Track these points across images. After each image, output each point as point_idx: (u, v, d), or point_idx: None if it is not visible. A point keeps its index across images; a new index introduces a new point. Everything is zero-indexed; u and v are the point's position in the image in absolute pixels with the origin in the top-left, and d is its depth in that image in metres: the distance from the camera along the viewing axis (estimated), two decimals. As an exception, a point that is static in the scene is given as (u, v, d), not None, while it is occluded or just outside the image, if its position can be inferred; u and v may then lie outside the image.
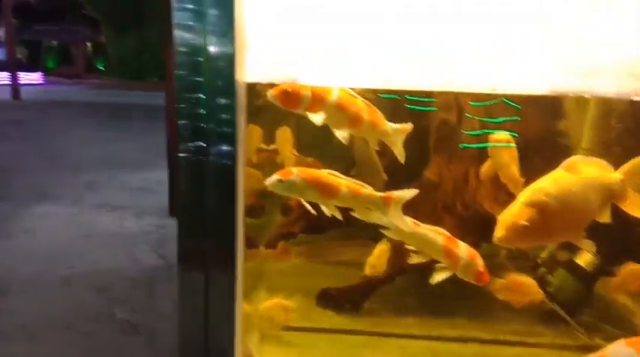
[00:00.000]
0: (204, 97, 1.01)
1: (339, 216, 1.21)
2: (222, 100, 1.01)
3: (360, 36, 1.10)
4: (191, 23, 0.96)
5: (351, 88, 1.18)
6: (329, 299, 1.93)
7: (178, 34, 0.97)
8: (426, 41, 1.08)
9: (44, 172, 5.38)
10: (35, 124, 9.08)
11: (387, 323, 1.87)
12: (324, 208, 1.21)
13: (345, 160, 1.85)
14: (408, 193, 1.21)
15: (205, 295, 1.11)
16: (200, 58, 0.98)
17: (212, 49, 0.98)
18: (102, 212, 4.05)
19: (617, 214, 1.18)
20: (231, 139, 1.02)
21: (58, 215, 3.96)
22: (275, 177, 1.17)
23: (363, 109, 1.20)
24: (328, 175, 1.21)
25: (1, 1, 13.40)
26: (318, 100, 1.14)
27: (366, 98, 1.22)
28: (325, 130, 1.21)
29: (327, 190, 1.19)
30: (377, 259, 1.75)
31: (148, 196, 4.48)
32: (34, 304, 2.56)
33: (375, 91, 1.34)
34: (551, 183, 1.12)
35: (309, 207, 1.28)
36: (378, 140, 1.26)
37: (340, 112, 1.17)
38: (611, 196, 1.17)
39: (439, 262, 1.26)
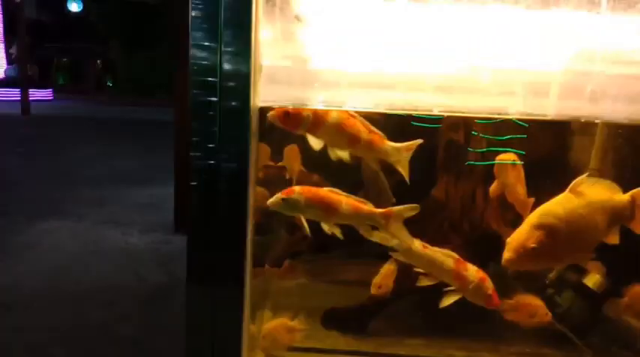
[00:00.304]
0: (217, 115, 1.03)
1: (339, 234, 1.22)
2: (235, 119, 1.03)
3: (369, 61, 1.12)
4: (207, 43, 0.99)
5: (357, 111, 1.20)
6: (334, 319, 1.92)
7: (194, 53, 0.99)
8: (434, 68, 1.10)
9: (51, 187, 5.42)
10: (43, 139, 9.17)
11: (393, 344, 1.85)
12: (323, 226, 1.22)
13: (352, 179, 1.86)
14: (408, 209, 1.22)
15: (213, 314, 1.11)
16: (214, 78, 1.00)
17: (226, 68, 1.00)
18: (108, 228, 4.06)
19: (625, 234, 1.18)
20: (242, 157, 1.04)
21: (64, 231, 3.98)
22: (278, 196, 1.19)
23: (362, 129, 1.22)
24: (329, 193, 1.23)
25: (16, 20, 13.70)
26: (318, 122, 1.17)
27: (371, 118, 1.23)
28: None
29: (328, 208, 1.21)
30: (383, 279, 1.74)
31: (154, 212, 4.50)
32: (40, 320, 2.56)
33: (381, 114, 1.35)
34: (560, 206, 1.12)
35: (306, 227, 1.28)
36: (377, 160, 1.28)
37: (339, 132, 1.20)
38: (619, 217, 1.17)
39: (448, 285, 1.26)
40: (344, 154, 1.21)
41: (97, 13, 16.61)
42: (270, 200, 1.18)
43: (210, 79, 0.99)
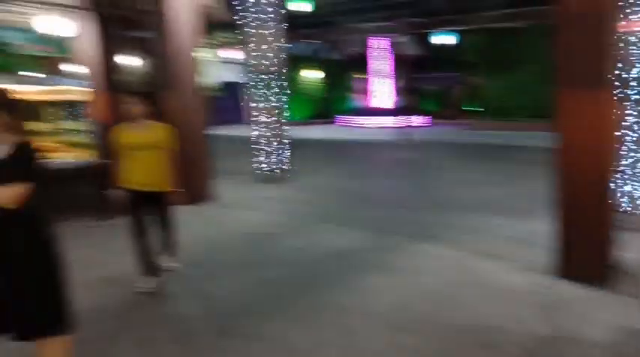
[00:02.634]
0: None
1: None
2: None
3: None
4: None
5: None
6: None
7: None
8: None
9: (427, 210, 5.72)
10: (416, 162, 10.05)
11: None
12: None
13: None
14: None
15: None
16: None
17: None
18: (483, 260, 3.94)
19: None
20: None
21: (441, 257, 4.08)
22: None
23: None
24: None
25: (401, 58, 16.19)
26: None
27: None
28: None
29: None
30: None
31: (528, 248, 4.16)
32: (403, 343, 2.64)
33: None
34: None
35: None
36: None
37: None
38: None
39: None
40: None
41: (465, 43, 17.37)
42: None
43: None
